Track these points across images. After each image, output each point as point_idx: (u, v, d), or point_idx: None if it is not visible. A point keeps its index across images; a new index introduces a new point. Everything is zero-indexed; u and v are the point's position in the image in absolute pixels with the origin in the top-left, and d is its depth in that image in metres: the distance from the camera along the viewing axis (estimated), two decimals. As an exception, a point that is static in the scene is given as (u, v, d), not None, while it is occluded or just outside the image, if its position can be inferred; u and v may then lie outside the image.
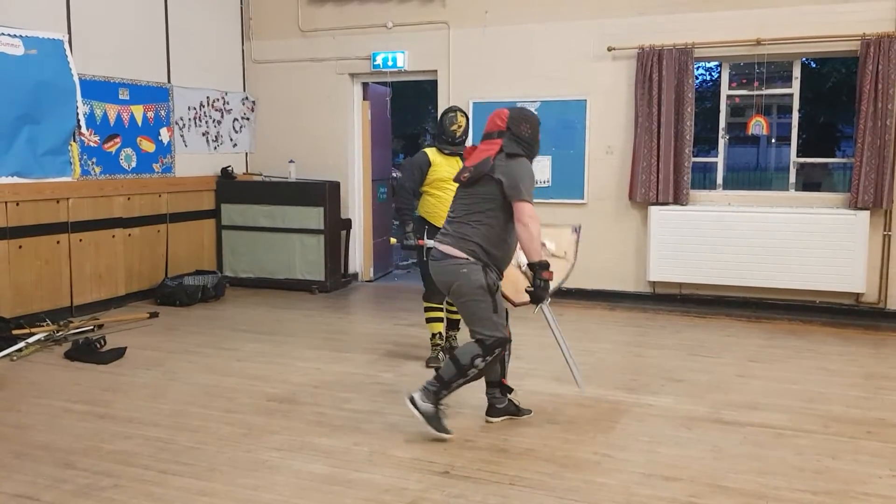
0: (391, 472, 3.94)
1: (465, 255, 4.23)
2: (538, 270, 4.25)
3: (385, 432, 4.48)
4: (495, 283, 4.30)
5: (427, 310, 5.99)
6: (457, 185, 5.57)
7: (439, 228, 5.70)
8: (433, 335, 6.02)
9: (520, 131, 4.33)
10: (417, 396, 4.29)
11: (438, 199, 5.87)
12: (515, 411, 4.69)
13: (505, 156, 4.25)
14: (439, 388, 4.29)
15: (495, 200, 4.23)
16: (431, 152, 5.96)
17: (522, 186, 4.17)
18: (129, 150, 7.93)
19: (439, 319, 5.98)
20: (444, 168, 5.86)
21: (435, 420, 4.29)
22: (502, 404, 4.65)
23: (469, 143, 6.19)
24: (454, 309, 5.87)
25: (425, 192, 5.96)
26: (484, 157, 4.28)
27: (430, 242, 5.73)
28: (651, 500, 3.62)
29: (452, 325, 6.12)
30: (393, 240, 6.36)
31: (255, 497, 3.65)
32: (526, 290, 4.37)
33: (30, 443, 4.32)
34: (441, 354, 5.95)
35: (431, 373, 5.46)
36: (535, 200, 5.59)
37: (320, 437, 4.39)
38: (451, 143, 5.90)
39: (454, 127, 5.90)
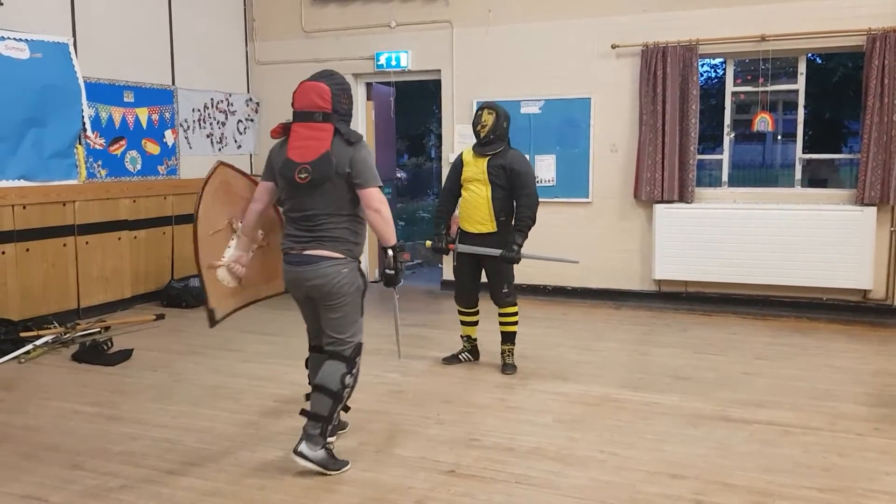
0: (397, 471, 3.94)
1: (341, 255, 3.86)
2: (398, 253, 3.97)
3: (391, 432, 4.49)
4: (366, 284, 4.02)
5: (460, 313, 5.90)
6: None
7: (468, 233, 5.62)
8: (465, 336, 5.96)
9: (344, 108, 3.87)
10: (305, 448, 3.86)
11: (465, 201, 5.64)
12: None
13: (345, 143, 3.78)
14: (324, 426, 3.89)
15: (348, 193, 3.83)
16: (466, 151, 5.68)
17: (370, 174, 3.80)
18: (134, 153, 7.96)
19: (472, 323, 5.88)
20: (470, 168, 5.56)
21: (332, 463, 3.91)
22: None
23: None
24: (508, 321, 5.70)
25: (462, 192, 5.68)
26: (321, 154, 3.75)
27: (460, 247, 5.66)
28: (657, 497, 3.62)
29: (508, 339, 5.79)
30: (428, 242, 6.07)
31: (262, 497, 3.66)
32: (385, 273, 4.00)
33: (38, 444, 4.33)
34: (464, 355, 5.93)
35: (465, 366, 5.51)
36: (540, 200, 5.61)
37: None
38: (478, 144, 5.56)
39: (479, 127, 5.50)
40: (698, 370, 5.70)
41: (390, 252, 3.96)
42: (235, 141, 9.38)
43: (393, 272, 4.00)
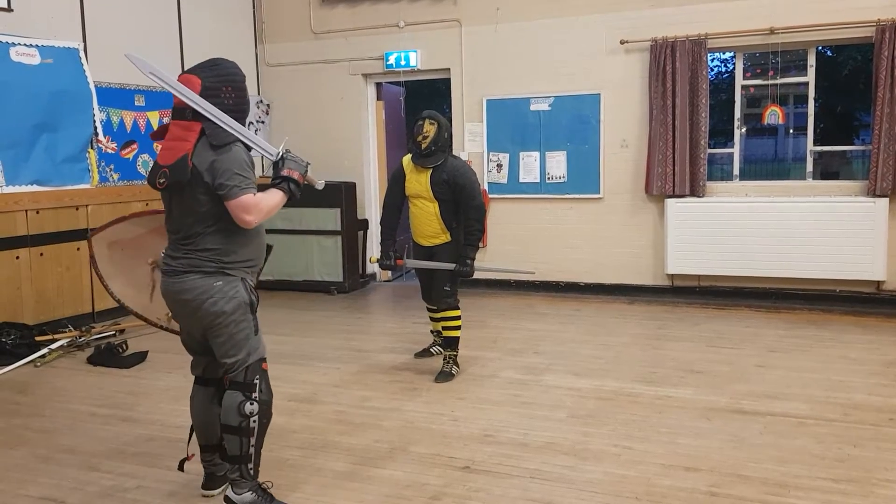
0: (412, 467, 3.96)
1: (214, 268, 3.37)
2: (294, 185, 3.52)
3: (405, 429, 4.50)
4: (257, 298, 3.55)
5: (428, 309, 6.04)
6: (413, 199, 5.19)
7: (421, 245, 5.59)
8: (434, 331, 6.11)
9: (223, 104, 3.42)
10: (231, 493, 3.53)
11: (414, 216, 5.53)
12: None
13: (210, 147, 3.29)
14: (241, 467, 3.47)
15: (215, 203, 3.31)
16: (406, 161, 5.52)
17: (233, 182, 3.23)
18: (146, 156, 7.99)
19: (437, 320, 5.89)
20: (413, 182, 5.44)
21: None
22: (222, 472, 3.72)
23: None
24: (449, 325, 5.56)
25: (409, 204, 5.56)
26: (179, 157, 3.30)
27: (410, 262, 5.63)
28: (672, 490, 3.62)
29: (449, 344, 5.60)
30: (374, 258, 5.95)
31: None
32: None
33: (55, 446, 4.37)
34: (435, 348, 6.02)
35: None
36: (549, 196, 5.57)
37: (341, 436, 4.41)
38: (419, 155, 5.37)
39: (419, 137, 5.31)
40: (712, 363, 5.68)
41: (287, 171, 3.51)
42: (246, 143, 9.41)
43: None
